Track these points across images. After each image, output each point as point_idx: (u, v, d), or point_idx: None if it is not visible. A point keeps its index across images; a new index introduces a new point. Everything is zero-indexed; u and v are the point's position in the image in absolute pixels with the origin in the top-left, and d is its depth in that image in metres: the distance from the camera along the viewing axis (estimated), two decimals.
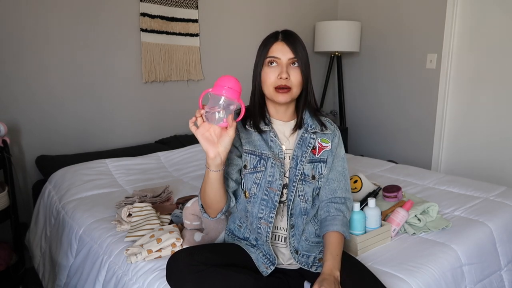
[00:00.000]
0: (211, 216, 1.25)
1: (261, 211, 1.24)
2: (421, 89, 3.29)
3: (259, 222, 1.24)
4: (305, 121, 1.30)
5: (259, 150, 1.25)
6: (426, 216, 1.65)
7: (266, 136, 1.27)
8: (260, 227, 1.24)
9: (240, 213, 1.32)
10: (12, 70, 2.19)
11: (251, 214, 1.26)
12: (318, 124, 1.30)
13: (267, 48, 1.23)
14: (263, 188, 1.25)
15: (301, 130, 1.29)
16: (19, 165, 2.28)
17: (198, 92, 2.97)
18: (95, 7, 2.41)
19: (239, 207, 1.31)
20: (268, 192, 1.24)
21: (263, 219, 1.24)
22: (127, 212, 1.63)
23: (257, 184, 1.25)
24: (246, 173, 1.26)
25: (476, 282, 1.52)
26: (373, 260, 1.39)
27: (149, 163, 2.37)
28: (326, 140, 1.31)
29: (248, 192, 1.26)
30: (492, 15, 2.88)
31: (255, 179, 1.25)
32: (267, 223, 1.23)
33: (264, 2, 3.24)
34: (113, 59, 2.54)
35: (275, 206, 1.23)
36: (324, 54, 3.79)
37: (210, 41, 2.96)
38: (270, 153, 1.25)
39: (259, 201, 1.25)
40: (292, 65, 1.21)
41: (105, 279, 1.46)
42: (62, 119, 2.40)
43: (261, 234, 1.25)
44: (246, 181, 1.26)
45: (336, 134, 1.34)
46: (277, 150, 1.26)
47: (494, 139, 2.98)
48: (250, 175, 1.26)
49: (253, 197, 1.25)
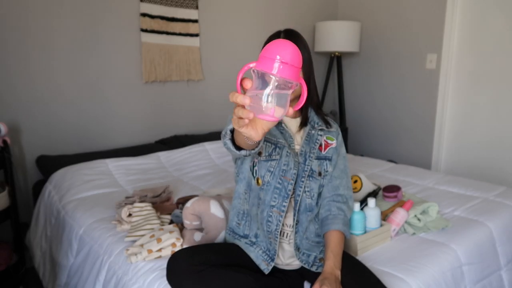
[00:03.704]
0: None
1: (274, 199, 1.24)
2: (421, 89, 3.29)
3: (271, 210, 1.24)
4: (311, 118, 1.32)
5: (275, 138, 1.25)
6: (426, 216, 1.65)
7: (280, 126, 1.28)
8: (271, 215, 1.24)
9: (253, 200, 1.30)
10: (13, 70, 2.19)
11: (263, 202, 1.26)
12: (323, 121, 1.32)
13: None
14: (277, 177, 1.24)
15: (307, 127, 1.30)
16: (19, 165, 2.28)
17: (198, 92, 2.97)
18: (95, 7, 2.41)
19: (251, 194, 1.29)
20: (282, 181, 1.24)
21: (275, 207, 1.24)
22: (127, 212, 1.63)
23: (271, 172, 1.24)
24: (260, 160, 1.25)
25: (476, 282, 1.52)
26: (373, 260, 1.39)
27: (149, 163, 2.38)
28: (331, 137, 1.33)
29: (261, 180, 1.26)
30: (492, 15, 2.88)
31: (269, 167, 1.25)
32: (279, 211, 1.23)
33: (264, 2, 3.24)
34: (113, 59, 2.54)
35: (288, 196, 1.24)
36: (324, 54, 3.79)
37: (210, 41, 2.96)
38: (285, 142, 1.25)
39: (272, 189, 1.24)
40: None
41: (105, 279, 1.47)
42: (62, 119, 2.40)
43: (271, 223, 1.24)
44: (260, 168, 1.25)
45: (339, 132, 1.37)
46: (289, 141, 1.27)
47: (494, 139, 2.99)
48: (264, 162, 1.25)
49: (266, 185, 1.25)
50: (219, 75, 3.05)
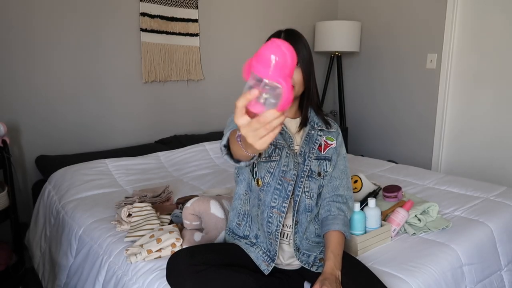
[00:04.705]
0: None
1: (274, 200, 1.24)
2: (421, 89, 3.29)
3: (271, 211, 1.24)
4: (311, 118, 1.32)
5: (274, 139, 1.24)
6: (426, 216, 1.65)
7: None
8: (272, 216, 1.24)
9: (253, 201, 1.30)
10: (12, 70, 2.19)
11: (263, 203, 1.26)
12: (322, 122, 1.32)
13: None
14: (277, 178, 1.24)
15: (307, 127, 1.30)
16: (19, 165, 2.28)
17: (198, 92, 2.97)
18: (95, 7, 2.41)
19: (252, 195, 1.30)
20: (282, 182, 1.24)
21: (276, 208, 1.24)
22: (127, 212, 1.63)
23: (270, 173, 1.24)
24: (260, 162, 1.25)
25: (476, 282, 1.52)
26: (373, 260, 1.39)
27: (149, 163, 2.37)
28: (331, 138, 1.33)
29: (261, 181, 1.26)
30: (492, 15, 2.87)
31: (269, 168, 1.25)
32: (280, 212, 1.23)
33: (264, 2, 3.24)
34: (113, 59, 2.53)
35: (288, 196, 1.24)
36: (324, 54, 3.79)
37: (210, 41, 2.96)
38: (284, 142, 1.25)
39: (272, 190, 1.24)
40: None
41: (105, 279, 1.46)
42: (62, 119, 2.40)
43: (271, 224, 1.24)
44: (259, 169, 1.25)
45: (339, 132, 1.37)
46: (288, 141, 1.27)
47: (494, 139, 2.98)
48: (264, 163, 1.25)
49: (266, 185, 1.25)
50: (219, 75, 3.04)
